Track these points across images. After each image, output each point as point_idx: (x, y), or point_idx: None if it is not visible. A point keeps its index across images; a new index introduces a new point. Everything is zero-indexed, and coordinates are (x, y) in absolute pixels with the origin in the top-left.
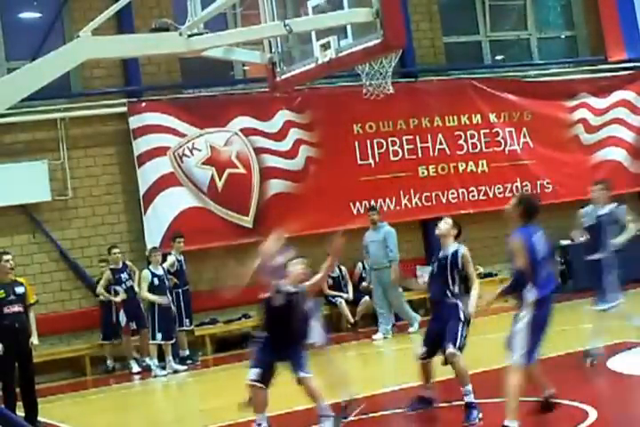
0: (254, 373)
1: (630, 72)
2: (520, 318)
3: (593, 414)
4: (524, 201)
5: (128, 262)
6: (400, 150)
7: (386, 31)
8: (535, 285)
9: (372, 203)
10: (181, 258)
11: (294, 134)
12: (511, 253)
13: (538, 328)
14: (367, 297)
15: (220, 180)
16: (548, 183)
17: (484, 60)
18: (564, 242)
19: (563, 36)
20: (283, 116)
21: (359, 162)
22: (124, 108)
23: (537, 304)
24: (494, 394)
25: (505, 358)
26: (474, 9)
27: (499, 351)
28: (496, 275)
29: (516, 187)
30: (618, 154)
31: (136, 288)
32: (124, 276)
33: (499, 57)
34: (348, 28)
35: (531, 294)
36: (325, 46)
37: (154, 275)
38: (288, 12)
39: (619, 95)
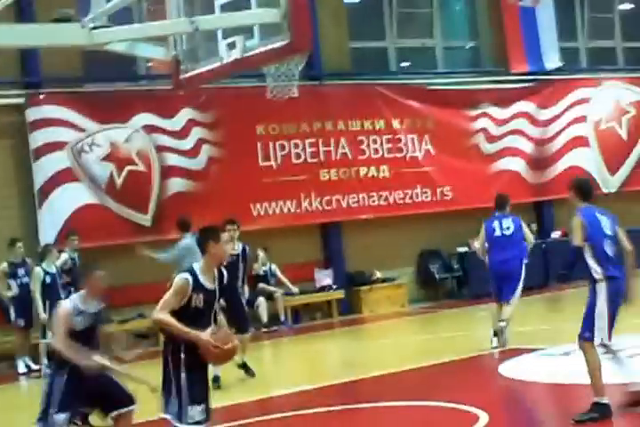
0: None
1: (531, 84)
2: (593, 296)
3: (484, 418)
4: (575, 183)
5: (28, 259)
6: (302, 153)
7: (293, 33)
8: (599, 262)
9: (267, 205)
10: (75, 256)
11: (197, 133)
12: (570, 230)
13: (611, 306)
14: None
15: (119, 177)
16: (447, 191)
17: (389, 67)
18: (462, 249)
19: (467, 46)
20: (186, 114)
21: (261, 163)
22: (22, 100)
23: (607, 281)
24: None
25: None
26: (381, 15)
27: (399, 355)
28: (394, 280)
29: (417, 193)
30: (516, 164)
31: (31, 286)
32: (21, 271)
33: (404, 64)
34: (256, 28)
35: (597, 272)
36: (231, 46)
37: (46, 273)
38: (195, 9)
39: (519, 106)
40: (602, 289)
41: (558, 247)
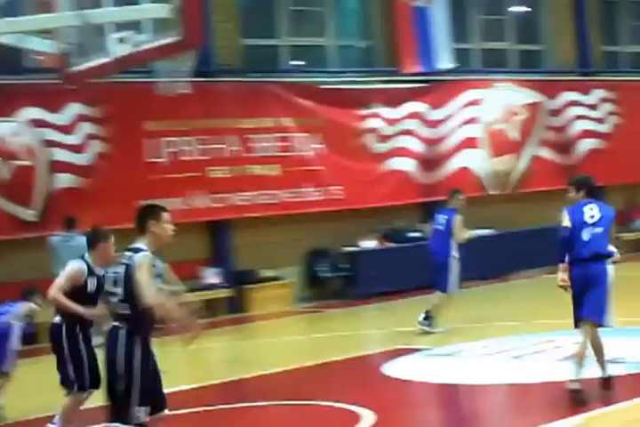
0: None
1: (423, 85)
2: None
3: (367, 417)
4: (574, 180)
5: None
6: (191, 150)
7: (184, 29)
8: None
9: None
10: None
11: (85, 128)
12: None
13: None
14: None
15: (4, 171)
16: (337, 190)
17: (281, 65)
18: (351, 249)
19: (360, 46)
20: (74, 108)
21: (149, 160)
22: None
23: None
24: (287, 396)
25: None
26: (274, 13)
27: (284, 354)
28: (282, 279)
29: (306, 192)
30: (407, 164)
31: None
32: None
33: (296, 62)
34: (147, 23)
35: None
36: (121, 41)
37: None
38: (86, 2)
39: (411, 107)
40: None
41: None
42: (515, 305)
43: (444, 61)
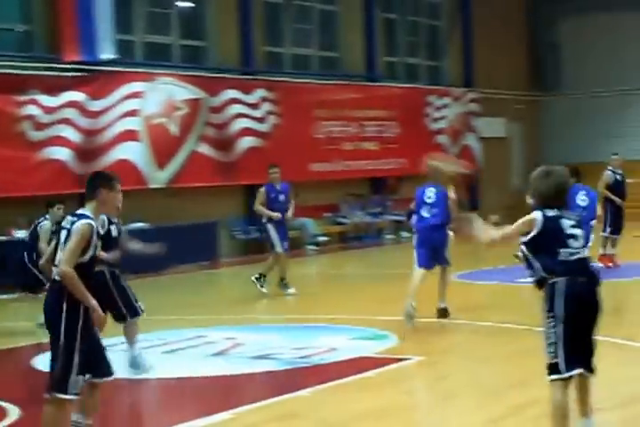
0: None
1: (84, 74)
2: None
3: (14, 412)
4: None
5: None
6: None
7: None
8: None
9: None
10: None
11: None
12: None
13: None
14: None
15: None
16: None
17: None
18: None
19: (19, 30)
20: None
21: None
22: None
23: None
24: None
25: None
26: None
27: None
28: None
29: None
30: (63, 153)
31: None
32: None
33: None
34: None
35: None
36: None
37: None
38: None
39: (70, 96)
40: None
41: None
42: (168, 299)
43: (107, 52)
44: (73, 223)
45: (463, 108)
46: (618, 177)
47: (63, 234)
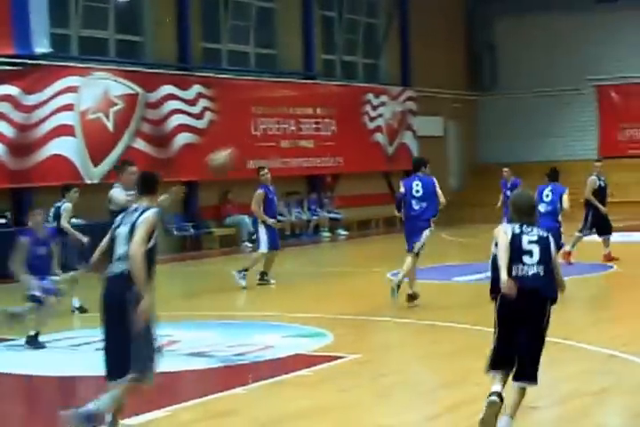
0: None
1: (18, 68)
2: None
3: None
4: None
5: None
6: None
7: None
8: None
9: None
10: None
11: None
12: None
13: None
14: None
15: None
16: None
17: None
18: None
19: None
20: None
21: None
22: None
23: None
24: None
25: None
26: None
27: None
28: None
29: None
30: None
31: None
32: None
33: None
34: None
35: None
36: None
37: None
38: None
39: (3, 89)
40: None
41: None
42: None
43: (41, 45)
44: (140, 215)
45: (400, 106)
46: (601, 183)
47: (126, 228)
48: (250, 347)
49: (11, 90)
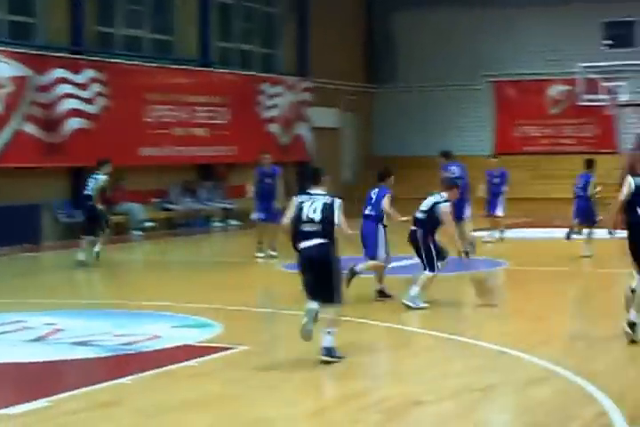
0: None
1: None
2: None
3: None
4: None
5: None
6: None
7: None
8: None
9: None
10: None
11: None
12: None
13: None
14: None
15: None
16: None
17: None
18: None
19: None
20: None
21: None
22: None
23: None
24: None
25: None
26: None
27: None
28: None
29: None
30: None
31: None
32: None
33: None
34: None
35: None
36: None
37: None
38: None
39: None
40: None
41: None
42: None
43: None
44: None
45: (296, 97)
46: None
47: (319, 204)
48: (137, 337)
49: None
